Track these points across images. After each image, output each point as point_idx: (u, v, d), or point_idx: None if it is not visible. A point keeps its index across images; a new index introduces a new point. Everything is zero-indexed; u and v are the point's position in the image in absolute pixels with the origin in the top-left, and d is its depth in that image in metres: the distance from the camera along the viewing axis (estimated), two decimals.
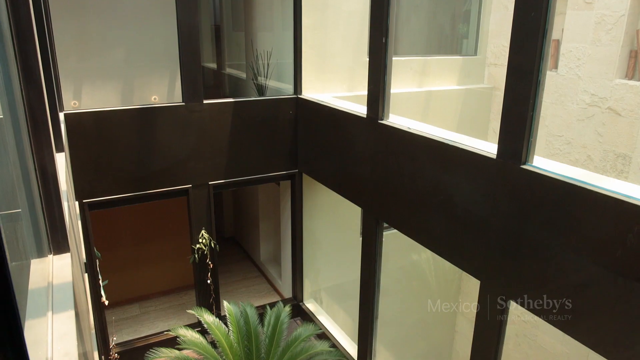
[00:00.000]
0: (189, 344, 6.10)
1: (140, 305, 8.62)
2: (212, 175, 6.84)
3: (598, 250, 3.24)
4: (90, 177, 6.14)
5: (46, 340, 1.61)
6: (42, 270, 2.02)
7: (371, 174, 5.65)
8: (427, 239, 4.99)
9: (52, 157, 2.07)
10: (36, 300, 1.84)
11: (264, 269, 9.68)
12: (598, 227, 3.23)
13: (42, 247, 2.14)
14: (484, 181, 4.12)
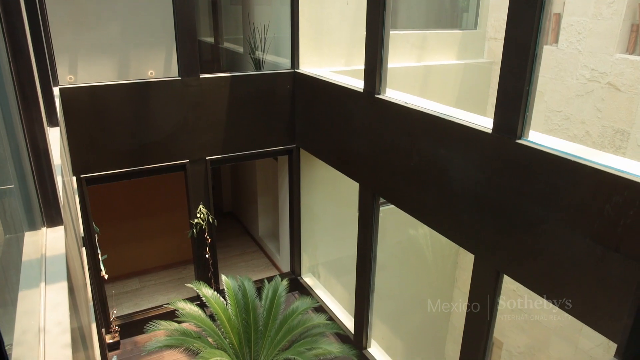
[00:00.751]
0: (188, 317, 6.19)
1: (140, 279, 8.72)
2: (209, 150, 6.84)
3: (589, 223, 3.27)
4: (87, 152, 6.14)
5: (39, 310, 1.64)
6: (36, 243, 2.05)
7: (368, 149, 5.65)
8: (423, 214, 5.02)
9: (43, 131, 2.07)
10: (29, 272, 1.87)
11: (263, 243, 9.75)
12: (589, 200, 3.25)
13: (36, 220, 2.16)
14: (479, 156, 4.13)
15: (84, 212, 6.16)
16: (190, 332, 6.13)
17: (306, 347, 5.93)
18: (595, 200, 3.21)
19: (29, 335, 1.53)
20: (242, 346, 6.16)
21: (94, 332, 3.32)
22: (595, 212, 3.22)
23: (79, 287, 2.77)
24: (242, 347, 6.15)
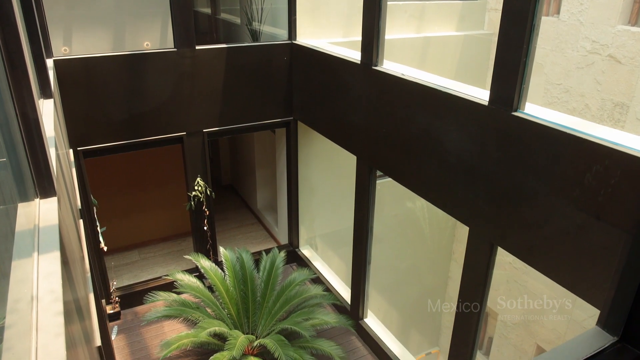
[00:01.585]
0: (186, 288, 6.28)
1: (140, 252, 8.79)
2: (206, 122, 6.82)
3: (579, 195, 3.28)
4: (83, 125, 6.12)
5: (32, 278, 1.66)
6: (29, 214, 2.06)
7: (365, 122, 5.63)
8: (419, 186, 5.03)
9: (33, 101, 2.06)
10: (23, 242, 1.89)
11: (261, 216, 9.81)
12: (582, 173, 3.26)
13: (28, 192, 2.17)
14: (475, 128, 4.12)
15: (81, 184, 6.17)
16: (189, 302, 6.22)
17: (303, 318, 6.03)
18: (589, 173, 3.21)
19: (21, 304, 1.55)
20: (241, 316, 6.26)
21: (91, 303, 3.36)
22: (587, 184, 3.23)
23: (74, 259, 2.79)
24: (240, 317, 6.25)
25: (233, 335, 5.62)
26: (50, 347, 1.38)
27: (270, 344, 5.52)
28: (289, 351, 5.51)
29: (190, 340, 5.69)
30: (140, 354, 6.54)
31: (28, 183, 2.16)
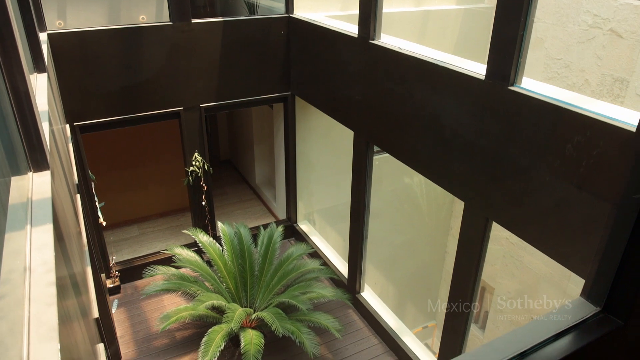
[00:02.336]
0: (185, 262, 6.34)
1: (139, 227, 8.85)
2: (203, 97, 6.78)
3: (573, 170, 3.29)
4: (79, 100, 6.09)
5: (25, 251, 1.68)
6: (22, 187, 2.07)
7: (362, 96, 5.60)
8: (415, 161, 5.04)
9: (23, 74, 2.05)
10: (16, 215, 1.90)
11: (259, 191, 9.83)
12: (576, 148, 3.26)
13: (21, 166, 2.17)
14: (471, 103, 4.10)
15: (79, 160, 6.18)
16: (187, 276, 6.29)
17: (300, 291, 6.10)
18: (583, 148, 3.22)
19: (15, 275, 1.57)
20: (239, 290, 6.34)
21: (89, 276, 3.40)
22: (580, 160, 3.23)
23: (70, 233, 2.82)
24: (238, 291, 6.33)
25: (231, 308, 5.70)
26: (43, 317, 1.40)
27: (268, 317, 5.60)
28: (286, 324, 5.60)
29: (189, 313, 5.77)
30: (140, 327, 6.65)
31: (20, 157, 2.17)
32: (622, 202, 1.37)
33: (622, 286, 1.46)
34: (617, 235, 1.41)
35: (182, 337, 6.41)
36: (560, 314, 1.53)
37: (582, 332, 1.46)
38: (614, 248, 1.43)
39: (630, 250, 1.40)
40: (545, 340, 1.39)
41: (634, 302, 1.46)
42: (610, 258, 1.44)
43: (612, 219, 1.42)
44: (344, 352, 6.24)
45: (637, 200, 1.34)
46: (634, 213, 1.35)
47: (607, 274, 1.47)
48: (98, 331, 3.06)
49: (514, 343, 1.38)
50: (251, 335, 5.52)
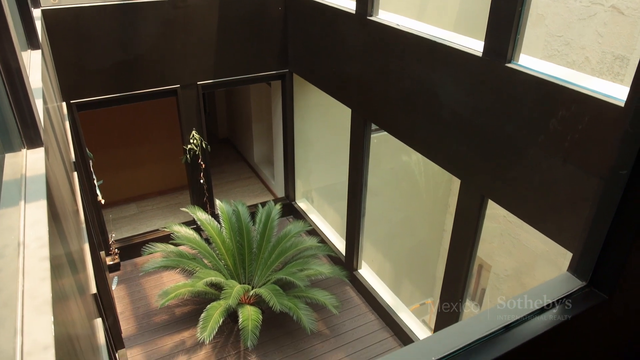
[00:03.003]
0: (183, 240, 6.38)
1: (138, 205, 8.88)
2: (200, 75, 6.74)
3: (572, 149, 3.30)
4: (75, 77, 6.05)
5: (19, 226, 1.70)
6: (16, 164, 2.08)
7: (360, 74, 5.57)
8: (412, 139, 5.04)
9: (14, 51, 2.03)
10: (10, 191, 1.91)
11: (258, 169, 9.84)
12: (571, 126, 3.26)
13: (15, 142, 2.18)
14: (468, 80, 4.08)
15: (76, 138, 6.17)
16: (186, 254, 6.34)
17: (298, 268, 6.16)
18: (577, 126, 3.21)
19: (9, 250, 1.59)
20: (237, 267, 6.40)
21: (87, 254, 3.43)
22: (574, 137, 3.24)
23: (66, 211, 2.83)
24: (236, 268, 6.39)
25: (229, 285, 5.77)
26: (36, 290, 1.42)
27: (265, 293, 5.67)
28: (283, 300, 5.66)
29: (187, 290, 5.84)
30: (140, 303, 6.73)
31: (14, 133, 2.17)
32: (609, 177, 1.38)
33: (607, 261, 1.48)
34: (604, 211, 1.42)
35: (182, 313, 6.49)
36: (547, 288, 1.55)
37: (567, 305, 1.48)
38: (600, 223, 1.44)
39: (616, 226, 1.41)
40: (531, 313, 1.42)
41: (618, 276, 1.48)
42: (597, 233, 1.46)
43: (598, 195, 1.43)
44: (341, 327, 6.33)
45: (624, 176, 1.35)
46: (620, 189, 1.36)
47: (593, 249, 1.49)
48: (96, 306, 3.10)
49: (499, 316, 1.41)
50: (249, 312, 5.59)
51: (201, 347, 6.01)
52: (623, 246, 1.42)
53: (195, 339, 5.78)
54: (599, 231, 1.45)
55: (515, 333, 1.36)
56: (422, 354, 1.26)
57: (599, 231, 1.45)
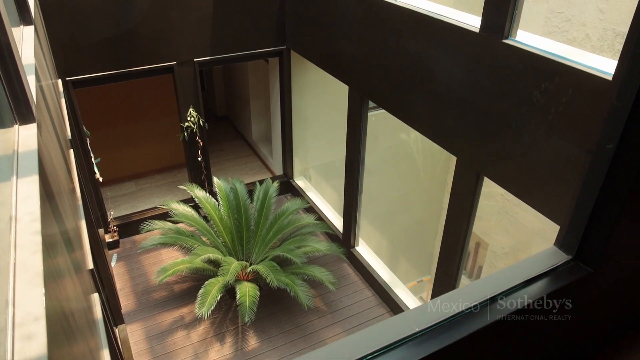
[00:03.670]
0: (181, 217, 6.41)
1: (137, 183, 8.90)
2: (196, 51, 6.68)
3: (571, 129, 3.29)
4: (71, 54, 6.00)
5: (11, 201, 1.71)
6: (8, 140, 2.08)
7: (357, 50, 5.52)
8: (409, 116, 5.02)
9: (4, 27, 2.02)
10: (1, 166, 1.92)
11: (256, 147, 9.83)
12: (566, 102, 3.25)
13: (7, 118, 2.18)
14: (465, 56, 4.05)
15: (73, 115, 6.15)
16: (184, 231, 6.38)
17: (295, 245, 6.21)
18: (573, 103, 3.21)
19: (1, 224, 1.60)
20: (235, 244, 6.44)
21: (83, 231, 3.45)
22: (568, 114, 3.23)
23: (61, 188, 2.84)
24: (234, 245, 6.43)
25: (227, 261, 5.81)
26: (28, 263, 1.44)
27: (263, 269, 5.72)
28: (280, 277, 5.72)
29: (185, 266, 5.89)
30: (140, 280, 6.80)
31: (5, 109, 2.17)
32: (596, 151, 1.39)
33: (593, 235, 1.49)
34: (590, 185, 1.43)
35: (180, 290, 6.56)
36: (533, 262, 1.57)
37: (552, 279, 1.50)
38: (586, 198, 1.45)
39: (602, 200, 1.42)
40: (515, 286, 1.44)
41: (603, 250, 1.49)
42: (583, 208, 1.47)
43: (585, 169, 1.44)
44: (337, 304, 6.41)
45: (610, 150, 1.35)
46: (606, 163, 1.36)
47: (579, 223, 1.50)
48: (93, 282, 3.13)
49: (484, 288, 1.43)
50: (247, 288, 5.65)
51: (200, 323, 6.09)
52: (608, 220, 1.44)
53: (194, 315, 5.86)
54: (585, 205, 1.46)
55: (500, 306, 1.38)
56: (407, 325, 1.28)
57: (585, 205, 1.46)
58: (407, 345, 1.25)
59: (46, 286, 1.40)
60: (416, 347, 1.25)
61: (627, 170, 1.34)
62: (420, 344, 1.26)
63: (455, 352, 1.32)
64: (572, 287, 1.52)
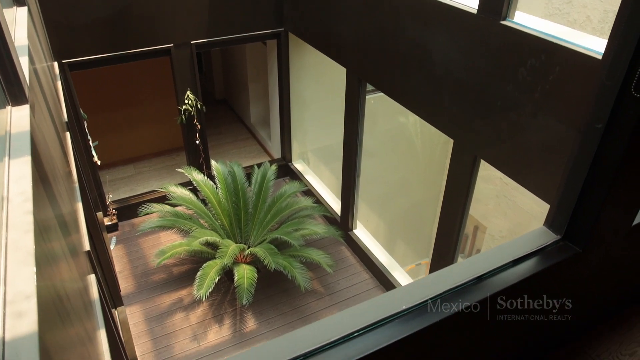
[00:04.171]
0: (179, 200, 6.43)
1: (135, 166, 8.90)
2: (193, 34, 6.63)
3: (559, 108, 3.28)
4: (66, 36, 5.95)
5: (3, 181, 1.71)
6: (0, 121, 2.08)
7: (355, 32, 5.48)
8: (407, 99, 5.00)
9: None
10: None
11: (255, 130, 9.81)
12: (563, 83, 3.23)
13: None
14: (463, 38, 4.02)
15: (69, 97, 6.12)
16: (182, 214, 6.40)
17: (293, 228, 6.23)
18: (569, 82, 3.19)
19: None
20: (233, 227, 6.46)
21: (80, 213, 3.46)
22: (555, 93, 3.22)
23: (56, 169, 2.84)
24: (232, 227, 6.46)
25: (225, 244, 5.84)
26: (20, 242, 1.45)
27: (260, 252, 5.75)
28: (278, 259, 5.75)
29: (184, 249, 5.92)
30: (139, 262, 6.84)
31: None
32: (585, 131, 1.39)
33: (581, 215, 1.50)
34: (579, 166, 1.43)
35: (179, 272, 6.60)
36: (521, 242, 1.58)
37: (541, 258, 1.51)
38: (575, 178, 1.46)
39: (591, 181, 1.42)
40: (503, 265, 1.45)
41: (592, 230, 1.50)
42: (572, 188, 1.48)
43: (575, 150, 1.44)
44: (335, 286, 6.46)
45: (599, 130, 1.35)
46: (595, 143, 1.36)
47: (568, 203, 1.50)
48: (90, 263, 3.15)
49: (472, 267, 1.44)
50: (244, 270, 5.69)
51: (198, 305, 6.14)
52: (597, 201, 1.44)
53: (193, 297, 5.91)
54: (574, 186, 1.46)
55: (487, 284, 1.39)
56: (395, 302, 1.29)
57: (574, 186, 1.46)
58: (394, 323, 1.27)
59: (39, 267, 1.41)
60: (403, 324, 1.27)
61: (616, 150, 1.34)
62: (407, 321, 1.28)
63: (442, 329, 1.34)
64: (560, 266, 1.53)
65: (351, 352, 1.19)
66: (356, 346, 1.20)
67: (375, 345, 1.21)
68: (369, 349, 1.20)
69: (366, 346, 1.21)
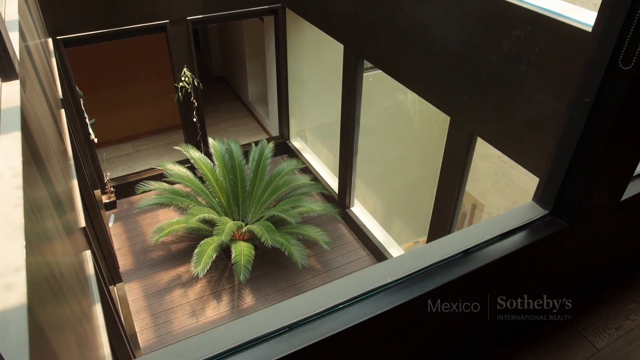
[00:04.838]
0: (177, 178, 6.43)
1: (133, 144, 8.88)
2: (189, 10, 6.55)
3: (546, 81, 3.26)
4: (60, 12, 5.88)
5: None
6: None
7: (352, 8, 5.41)
8: (404, 76, 4.97)
9: None
10: None
11: (253, 108, 9.76)
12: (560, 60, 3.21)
13: None
14: (460, 12, 3.97)
15: (65, 74, 6.07)
16: (179, 191, 6.41)
17: (290, 205, 6.25)
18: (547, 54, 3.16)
19: None
20: (231, 205, 6.48)
21: (75, 190, 3.46)
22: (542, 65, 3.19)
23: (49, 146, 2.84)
24: (230, 205, 6.48)
25: (222, 221, 5.87)
26: (10, 217, 1.46)
27: (258, 229, 5.78)
28: (275, 236, 5.78)
29: (181, 226, 5.95)
30: (137, 240, 6.88)
31: None
32: (573, 105, 1.38)
33: (569, 190, 1.50)
34: (567, 140, 1.43)
35: (177, 249, 6.65)
36: (509, 216, 1.58)
37: (528, 233, 1.52)
38: (563, 153, 1.45)
39: (579, 155, 1.42)
40: (490, 239, 1.46)
41: (579, 205, 1.51)
42: (560, 163, 1.47)
43: (563, 124, 1.43)
44: (332, 263, 6.51)
45: (587, 104, 1.34)
46: (583, 116, 1.36)
47: (556, 178, 1.51)
48: (85, 239, 3.17)
49: (459, 241, 1.45)
50: (242, 247, 5.72)
51: (196, 281, 6.20)
52: (585, 176, 1.44)
53: (191, 274, 5.95)
54: (562, 160, 1.46)
55: (473, 257, 1.40)
56: (379, 276, 1.30)
57: (562, 160, 1.46)
58: (379, 295, 1.28)
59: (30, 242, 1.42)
60: (389, 296, 1.28)
61: (604, 124, 1.34)
62: (393, 293, 1.29)
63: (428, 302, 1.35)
64: (547, 240, 1.54)
65: (336, 324, 1.20)
66: (341, 318, 1.22)
67: (360, 316, 1.22)
68: (354, 320, 1.21)
69: (352, 318, 1.22)
